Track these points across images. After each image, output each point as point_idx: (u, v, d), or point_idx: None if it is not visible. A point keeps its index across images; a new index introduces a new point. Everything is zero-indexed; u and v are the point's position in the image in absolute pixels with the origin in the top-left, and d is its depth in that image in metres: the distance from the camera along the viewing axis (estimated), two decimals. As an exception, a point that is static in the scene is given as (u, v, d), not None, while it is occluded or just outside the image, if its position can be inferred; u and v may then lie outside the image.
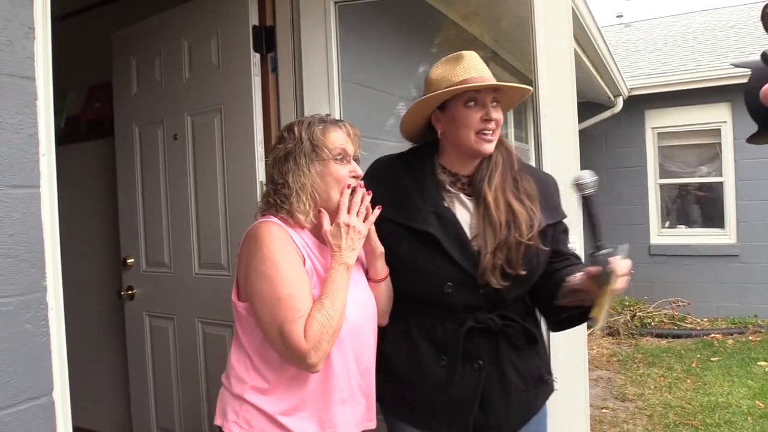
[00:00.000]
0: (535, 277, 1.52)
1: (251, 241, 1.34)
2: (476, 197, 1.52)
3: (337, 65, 2.26)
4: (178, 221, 2.60)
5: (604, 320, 1.41)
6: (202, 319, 2.52)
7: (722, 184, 6.80)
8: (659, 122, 7.08)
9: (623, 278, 1.34)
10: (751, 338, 5.87)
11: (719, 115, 6.73)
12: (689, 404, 4.17)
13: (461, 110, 1.49)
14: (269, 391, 1.35)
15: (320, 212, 1.40)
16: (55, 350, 1.20)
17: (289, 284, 1.28)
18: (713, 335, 6.01)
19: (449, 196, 1.54)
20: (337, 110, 2.25)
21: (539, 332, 1.61)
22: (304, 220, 1.39)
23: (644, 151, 7.12)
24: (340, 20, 2.28)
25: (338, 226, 1.37)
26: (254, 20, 2.32)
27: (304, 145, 1.39)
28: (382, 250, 1.50)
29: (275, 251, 1.30)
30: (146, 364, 2.77)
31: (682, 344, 5.80)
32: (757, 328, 6.12)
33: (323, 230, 1.38)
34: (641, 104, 6.96)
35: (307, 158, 1.39)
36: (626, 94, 6.69)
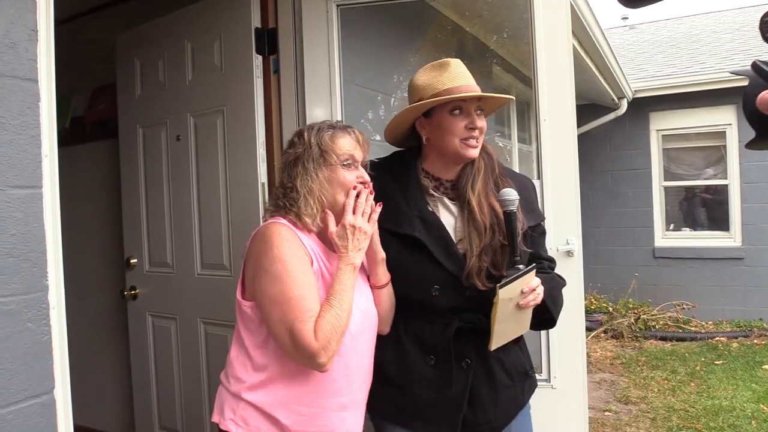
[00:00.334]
0: None
1: (261, 241, 1.36)
2: (460, 202, 1.55)
3: (338, 67, 2.27)
4: (180, 222, 2.62)
5: (497, 345, 1.46)
6: (204, 319, 2.54)
7: (727, 186, 6.77)
8: (664, 125, 7.06)
9: (531, 295, 1.40)
10: (756, 342, 5.84)
11: (724, 117, 6.70)
12: (693, 407, 4.15)
13: (447, 118, 1.51)
14: (268, 390, 1.37)
15: (326, 214, 1.41)
16: (56, 349, 1.22)
17: (299, 285, 1.30)
18: (718, 338, 5.98)
19: (433, 200, 1.57)
20: (338, 112, 2.27)
21: None
22: (311, 223, 1.40)
23: (649, 153, 7.09)
24: (341, 22, 2.29)
25: (344, 227, 1.38)
26: (256, 22, 2.34)
27: (312, 150, 1.41)
28: (383, 255, 1.51)
29: (285, 252, 1.32)
30: (149, 363, 2.79)
31: (686, 347, 5.77)
32: (762, 331, 6.09)
33: (329, 232, 1.40)
34: (646, 106, 6.94)
35: (315, 163, 1.41)
36: (630, 96, 6.67)
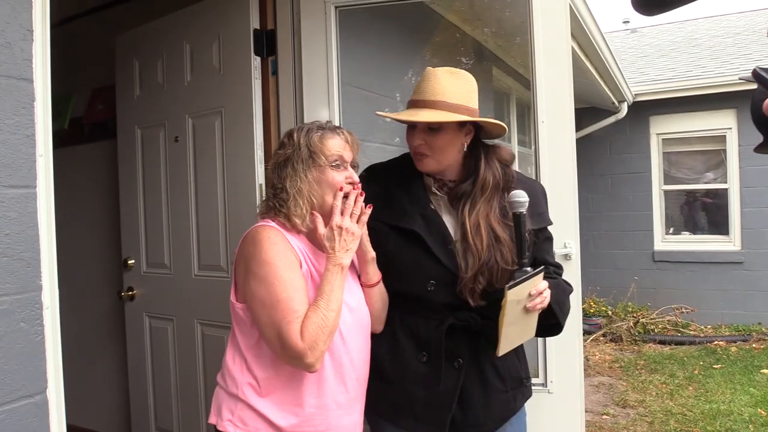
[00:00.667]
0: None
1: (249, 244, 1.37)
2: (457, 214, 1.55)
3: (336, 69, 2.27)
4: (178, 223, 2.62)
5: (505, 350, 1.44)
6: (201, 320, 2.53)
7: (727, 190, 6.77)
8: (664, 128, 7.06)
9: (539, 298, 1.40)
10: (754, 346, 5.83)
11: (724, 121, 6.70)
12: (690, 411, 4.15)
13: (407, 130, 1.57)
14: (264, 391, 1.37)
15: (314, 215, 1.42)
16: (49, 349, 1.21)
17: (287, 287, 1.31)
18: (716, 342, 5.97)
19: (436, 199, 1.59)
20: (336, 113, 2.27)
21: None
22: (300, 224, 1.42)
23: (649, 157, 7.09)
24: (340, 24, 2.29)
25: (332, 228, 1.39)
26: (255, 24, 2.34)
27: (301, 151, 1.43)
28: (373, 254, 1.53)
29: (273, 255, 1.33)
30: (146, 364, 2.78)
31: (685, 351, 5.77)
32: (761, 335, 6.08)
33: (318, 233, 1.41)
34: (646, 110, 6.94)
35: (304, 164, 1.42)
36: (631, 99, 6.67)
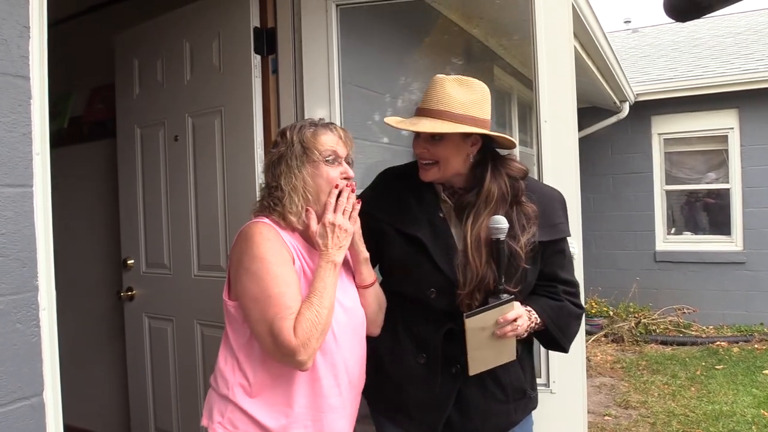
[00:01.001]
0: (523, 295, 1.51)
1: (242, 240, 1.37)
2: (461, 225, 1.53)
3: (337, 67, 2.25)
4: (177, 222, 2.60)
5: (478, 370, 1.45)
6: (200, 320, 2.52)
7: (729, 190, 6.75)
8: (666, 128, 7.04)
9: (508, 326, 1.40)
10: (757, 346, 5.81)
11: (726, 121, 6.69)
12: (693, 412, 4.13)
13: (413, 137, 1.56)
14: (254, 391, 1.36)
15: (308, 211, 1.42)
16: (46, 350, 1.20)
17: (279, 282, 1.30)
18: (719, 343, 5.95)
19: (446, 206, 1.57)
20: (337, 112, 2.25)
21: (525, 345, 1.59)
22: (296, 221, 1.41)
23: (650, 157, 7.08)
24: (341, 22, 2.27)
25: (324, 225, 1.39)
26: (255, 22, 2.32)
27: (295, 147, 1.42)
28: (366, 255, 1.52)
29: (266, 250, 1.33)
30: (145, 365, 2.77)
31: (686, 352, 5.75)
32: (763, 336, 6.06)
33: (310, 230, 1.40)
34: (648, 110, 6.92)
35: (298, 160, 1.42)
36: (632, 99, 6.65)
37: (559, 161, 2.02)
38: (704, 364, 5.31)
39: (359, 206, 1.45)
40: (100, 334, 3.15)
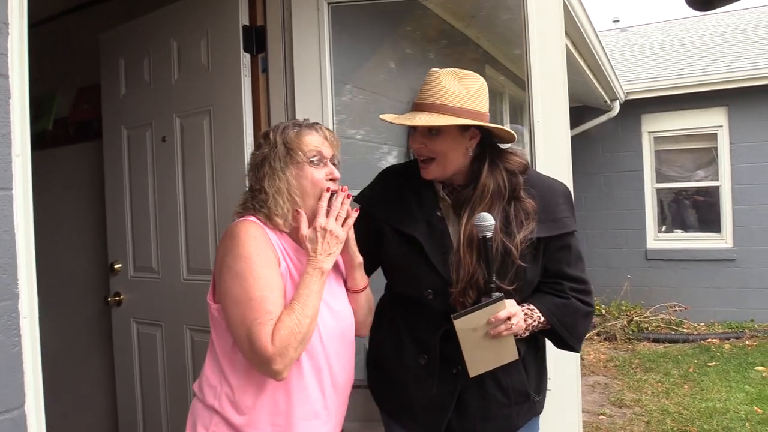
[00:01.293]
0: (522, 293, 1.48)
1: (228, 238, 1.33)
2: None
3: (329, 66, 2.21)
4: (166, 225, 2.55)
5: (478, 372, 1.41)
6: (190, 325, 2.46)
7: (719, 188, 6.78)
8: (656, 126, 7.07)
9: (502, 325, 1.36)
10: (748, 343, 5.84)
11: (715, 119, 6.73)
12: (687, 410, 4.13)
13: (411, 134, 1.53)
14: (239, 401, 1.32)
15: (298, 213, 1.38)
16: (28, 361, 1.14)
17: (262, 285, 1.26)
18: (710, 340, 5.98)
19: (445, 205, 1.53)
20: (330, 112, 2.20)
21: (530, 346, 1.54)
22: (282, 224, 1.37)
23: (641, 155, 7.10)
24: (332, 21, 2.23)
25: (315, 230, 1.35)
26: (244, 20, 2.28)
27: (278, 149, 1.38)
28: (360, 260, 1.49)
29: (251, 250, 1.28)
30: (134, 371, 2.70)
31: (679, 349, 5.76)
32: (753, 332, 6.11)
33: (300, 234, 1.36)
34: (638, 108, 6.94)
35: (281, 162, 1.38)
36: (623, 98, 6.67)
37: (552, 160, 2.00)
38: (696, 361, 5.33)
39: (356, 215, 1.41)
40: (87, 340, 3.08)
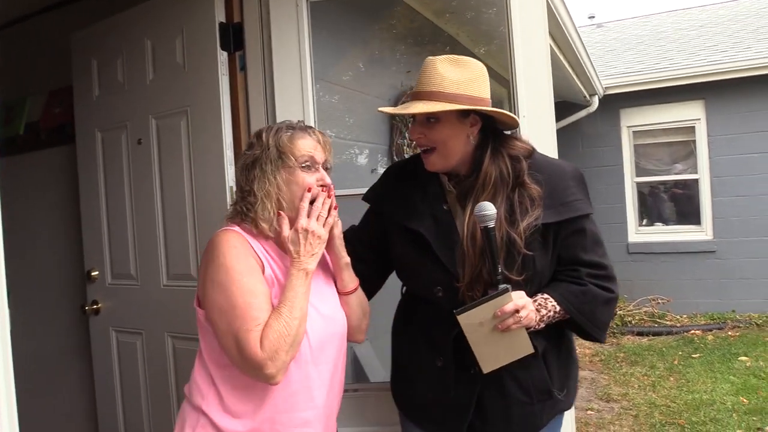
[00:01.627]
0: (533, 284, 1.42)
1: (209, 250, 1.32)
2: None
3: (309, 63, 2.16)
4: (144, 230, 2.47)
5: (492, 368, 1.37)
6: (171, 333, 2.39)
7: (698, 181, 6.86)
8: (634, 121, 7.14)
9: (510, 318, 1.30)
10: (730, 333, 5.91)
11: (693, 112, 6.80)
12: (674, 403, 4.15)
13: (410, 125, 1.50)
14: (227, 405, 1.31)
15: (280, 215, 1.35)
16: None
17: (245, 292, 1.24)
18: (693, 332, 6.04)
19: (451, 197, 1.50)
20: (310, 110, 2.15)
21: (551, 339, 1.46)
22: (268, 229, 1.35)
23: (620, 149, 7.16)
24: (312, 17, 2.18)
25: (297, 231, 1.33)
26: (221, 17, 2.21)
27: (270, 151, 1.35)
28: (347, 260, 1.46)
29: (232, 259, 1.27)
30: (114, 381, 2.62)
31: (663, 342, 5.81)
32: (735, 323, 6.19)
33: (282, 236, 1.34)
34: (616, 103, 7.00)
35: (273, 165, 1.35)
36: (602, 93, 6.72)
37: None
38: (681, 353, 5.37)
39: (336, 212, 1.39)
40: (64, 351, 2.98)
